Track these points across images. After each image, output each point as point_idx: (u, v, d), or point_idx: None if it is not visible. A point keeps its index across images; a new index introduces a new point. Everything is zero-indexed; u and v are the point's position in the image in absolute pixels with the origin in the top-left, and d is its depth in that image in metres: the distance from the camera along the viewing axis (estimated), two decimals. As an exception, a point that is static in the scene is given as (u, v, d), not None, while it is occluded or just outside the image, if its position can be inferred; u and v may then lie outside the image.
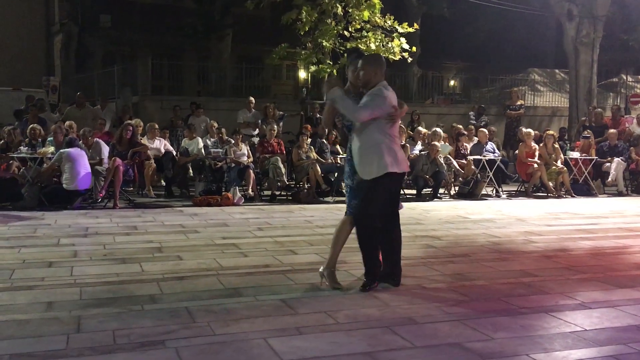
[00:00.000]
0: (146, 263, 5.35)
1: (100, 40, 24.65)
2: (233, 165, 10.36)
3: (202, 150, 10.99)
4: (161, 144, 11.07)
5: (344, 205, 4.92)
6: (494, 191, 11.91)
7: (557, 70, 24.13)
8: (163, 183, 11.25)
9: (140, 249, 6.02)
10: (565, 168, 11.96)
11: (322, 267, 4.68)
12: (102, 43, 24.75)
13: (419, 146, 11.92)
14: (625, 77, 22.93)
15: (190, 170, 11.19)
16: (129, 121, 10.86)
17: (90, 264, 5.35)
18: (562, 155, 12.14)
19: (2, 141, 10.03)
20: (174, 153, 11.15)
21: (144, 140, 10.64)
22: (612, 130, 13.15)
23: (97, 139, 9.96)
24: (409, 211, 9.22)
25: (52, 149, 9.47)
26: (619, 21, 21.40)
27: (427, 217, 8.69)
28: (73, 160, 8.77)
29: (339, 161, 11.42)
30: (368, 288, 4.51)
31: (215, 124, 11.90)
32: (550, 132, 12.75)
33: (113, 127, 12.72)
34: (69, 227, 7.29)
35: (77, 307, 4.02)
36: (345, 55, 13.75)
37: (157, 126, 11.31)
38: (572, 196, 11.79)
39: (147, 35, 24.25)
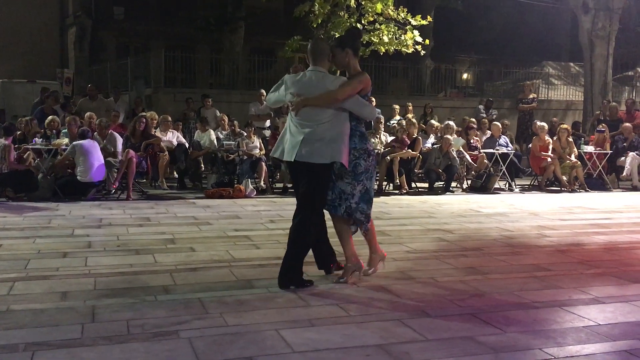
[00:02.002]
0: (159, 254, 5.39)
1: (113, 32, 24.76)
2: (245, 157, 10.38)
3: (215, 143, 11.02)
4: (174, 136, 11.11)
5: None
6: (507, 185, 11.85)
7: (571, 64, 23.93)
8: (176, 175, 11.31)
9: (153, 240, 6.06)
10: (579, 162, 11.87)
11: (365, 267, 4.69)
12: (116, 35, 24.86)
13: (431, 139, 11.87)
14: (640, 71, 22.67)
15: (202, 163, 11.23)
16: (143, 113, 10.91)
17: (104, 254, 5.39)
18: (576, 149, 12.05)
19: (20, 132, 10.12)
20: (187, 145, 11.20)
21: (157, 133, 10.69)
22: (627, 124, 13.02)
23: (112, 130, 10.03)
24: (421, 205, 9.20)
25: (66, 140, 9.54)
26: (634, 14, 21.14)
27: (439, 211, 8.66)
28: (86, 152, 8.83)
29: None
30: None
31: (226, 117, 11.92)
32: (564, 125, 12.65)
33: (126, 119, 12.79)
34: (83, 218, 7.35)
35: (91, 297, 4.06)
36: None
37: (170, 118, 11.36)
38: (586, 190, 11.71)
39: (160, 28, 24.31)
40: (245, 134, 10.76)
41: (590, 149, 12.41)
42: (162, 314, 3.72)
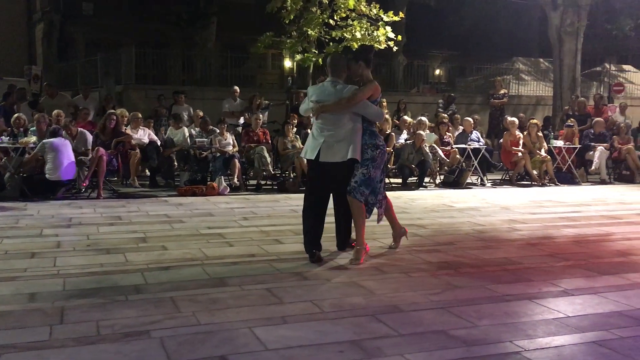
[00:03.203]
0: (130, 253, 5.32)
1: (82, 28, 24.29)
2: (218, 154, 10.31)
3: (188, 140, 10.92)
4: (145, 134, 10.97)
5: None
6: (479, 180, 11.98)
7: (541, 60, 24.23)
8: (148, 173, 11.17)
9: (125, 239, 5.98)
10: (549, 156, 12.06)
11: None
12: (85, 31, 24.40)
13: (404, 135, 11.93)
14: (608, 66, 23.09)
15: (175, 161, 11.12)
16: (112, 110, 10.74)
17: (74, 254, 5.30)
18: (545, 144, 12.23)
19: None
20: (159, 143, 11.06)
21: (128, 130, 10.54)
22: (598, 119, 13.26)
23: (82, 128, 9.86)
24: (395, 200, 9.18)
25: (34, 138, 9.36)
26: (602, 10, 21.50)
27: (412, 206, 8.71)
28: (56, 150, 8.67)
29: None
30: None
31: (201, 113, 11.82)
32: (534, 120, 12.83)
33: (96, 116, 12.57)
34: (52, 217, 7.22)
35: (60, 297, 3.98)
36: (331, 44, 13.72)
37: (140, 115, 11.20)
38: (556, 184, 11.90)
39: (131, 24, 23.93)
40: (218, 131, 10.68)
41: (559, 143, 12.61)
42: (132, 313, 3.67)
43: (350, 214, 5.17)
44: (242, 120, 12.90)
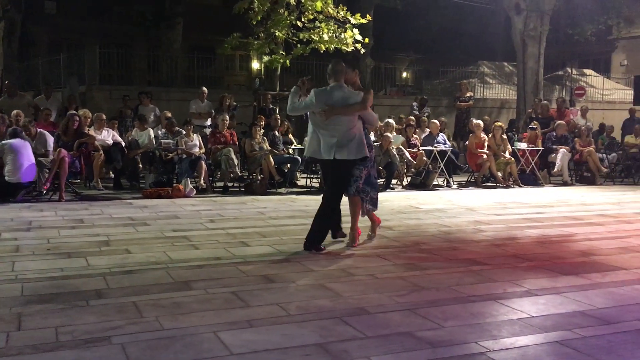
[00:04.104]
0: (92, 257, 5.19)
1: (44, 27, 23.80)
2: (184, 156, 10.18)
3: (153, 141, 10.75)
4: (109, 135, 10.76)
5: (298, 197, 5.19)
6: (445, 181, 12.10)
7: (505, 63, 24.65)
8: (112, 175, 10.95)
9: (87, 242, 5.84)
10: (513, 159, 12.25)
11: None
12: (47, 31, 23.91)
13: (371, 137, 11.94)
14: (570, 70, 23.63)
15: (140, 162, 10.94)
16: (72, 111, 10.49)
17: (33, 258, 5.15)
18: (510, 146, 12.42)
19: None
20: (123, 144, 10.87)
21: (91, 131, 10.33)
22: (560, 122, 13.53)
23: (41, 129, 9.61)
24: (362, 202, 9.25)
25: (-8, 139, 9.07)
26: (564, 16, 22.00)
27: (379, 208, 8.65)
28: (16, 151, 8.43)
29: (291, 152, 11.39)
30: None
31: (169, 114, 11.67)
32: (499, 123, 13.02)
33: (59, 117, 12.30)
34: (12, 220, 7.01)
35: (18, 303, 3.86)
36: (298, 46, 13.70)
37: (104, 116, 10.98)
38: (520, 186, 12.09)
39: (95, 23, 23.56)
40: (184, 132, 10.55)
41: (523, 145, 12.83)
42: (93, 319, 3.58)
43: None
44: (209, 122, 12.78)
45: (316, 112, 5.64)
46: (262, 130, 11.15)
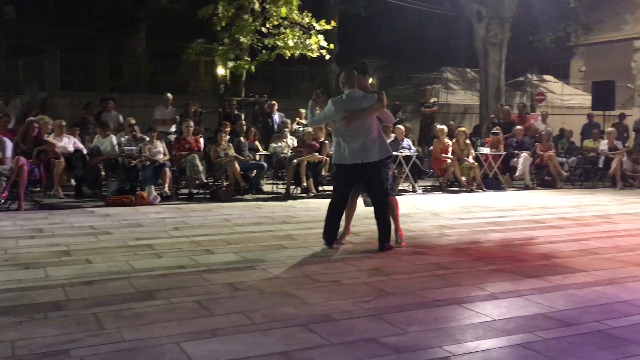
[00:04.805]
0: (52, 268, 5.07)
1: (3, 32, 23.19)
2: (148, 163, 10.04)
3: (116, 148, 10.57)
4: (70, 142, 10.54)
5: (264, 203, 5.12)
6: (410, 186, 12.20)
7: (468, 70, 25.02)
8: (73, 183, 10.72)
9: (46, 252, 5.70)
10: (476, 163, 12.43)
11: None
12: (6, 35, 23.28)
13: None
14: (530, 77, 24.14)
15: (102, 170, 10.74)
16: (31, 118, 10.25)
17: (-10, 270, 5.00)
18: (473, 151, 12.61)
19: None
20: (85, 151, 10.65)
21: (51, 138, 10.10)
22: (518, 127, 13.81)
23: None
24: (328, 208, 9.25)
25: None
26: (525, 23, 22.43)
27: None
28: (-28, 159, 8.20)
29: (257, 158, 11.35)
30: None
31: (133, 121, 11.49)
32: (462, 128, 13.21)
33: (18, 123, 11.99)
34: (-33, 231, 6.80)
35: (-28, 317, 3.74)
36: (263, 52, 13.67)
37: (64, 123, 10.76)
38: (483, 190, 12.27)
39: (56, 28, 23.03)
40: (148, 138, 10.40)
41: (486, 150, 13.04)
42: (51, 332, 3.48)
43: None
44: (174, 128, 12.63)
45: (337, 120, 5.89)
46: (228, 137, 11.08)
